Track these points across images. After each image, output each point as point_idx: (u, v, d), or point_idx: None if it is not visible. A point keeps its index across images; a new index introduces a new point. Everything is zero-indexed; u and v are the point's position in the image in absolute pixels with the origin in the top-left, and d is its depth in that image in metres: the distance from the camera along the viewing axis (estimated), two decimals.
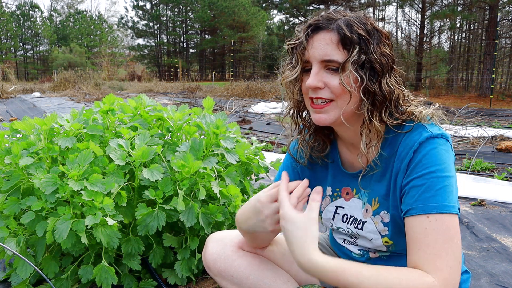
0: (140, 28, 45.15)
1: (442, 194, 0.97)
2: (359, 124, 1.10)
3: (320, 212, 1.29)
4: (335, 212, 1.25)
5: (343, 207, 1.24)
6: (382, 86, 1.04)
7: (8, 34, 45.94)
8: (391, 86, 1.05)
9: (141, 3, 44.43)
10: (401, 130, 1.07)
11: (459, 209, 0.99)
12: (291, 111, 1.20)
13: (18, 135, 1.98)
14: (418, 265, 0.95)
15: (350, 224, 1.22)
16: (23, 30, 48.48)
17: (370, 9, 27.92)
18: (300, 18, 33.36)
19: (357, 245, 1.24)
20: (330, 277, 0.94)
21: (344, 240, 1.28)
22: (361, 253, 1.24)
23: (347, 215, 1.23)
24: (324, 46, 1.03)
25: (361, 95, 1.04)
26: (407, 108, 1.08)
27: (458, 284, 0.93)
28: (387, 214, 1.11)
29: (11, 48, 46.99)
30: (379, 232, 1.14)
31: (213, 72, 38.83)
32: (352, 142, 1.17)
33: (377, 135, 1.09)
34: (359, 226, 1.18)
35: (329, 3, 29.25)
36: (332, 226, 1.29)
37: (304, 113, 1.20)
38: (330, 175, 1.26)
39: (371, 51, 1.02)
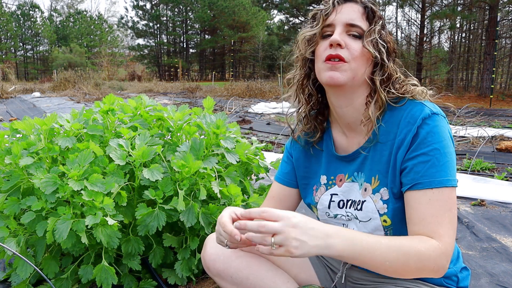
0: (140, 28, 45.13)
1: (445, 170, 1.05)
2: (363, 97, 1.16)
3: (315, 204, 1.30)
4: (330, 200, 1.26)
5: (337, 194, 1.25)
6: (390, 65, 1.15)
7: (8, 34, 45.93)
8: (394, 67, 1.16)
9: (141, 3, 44.46)
10: (398, 104, 1.13)
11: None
12: (301, 79, 1.23)
13: (18, 135, 1.98)
14: (422, 233, 1.03)
15: (349, 208, 1.23)
16: (23, 30, 48.46)
17: None
18: (300, 18, 33.37)
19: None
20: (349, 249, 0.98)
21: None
22: None
23: (343, 200, 1.24)
24: (351, 12, 1.13)
25: (384, 60, 1.12)
26: (402, 87, 1.16)
27: (453, 250, 1.07)
28: (386, 191, 1.13)
29: (11, 48, 46.98)
30: (378, 211, 1.15)
31: (213, 72, 38.80)
32: (348, 122, 1.20)
33: (380, 107, 1.14)
34: (358, 207, 1.19)
35: None
36: (329, 215, 1.28)
37: (309, 86, 1.25)
38: (324, 164, 1.29)
39: (385, 32, 1.15)
